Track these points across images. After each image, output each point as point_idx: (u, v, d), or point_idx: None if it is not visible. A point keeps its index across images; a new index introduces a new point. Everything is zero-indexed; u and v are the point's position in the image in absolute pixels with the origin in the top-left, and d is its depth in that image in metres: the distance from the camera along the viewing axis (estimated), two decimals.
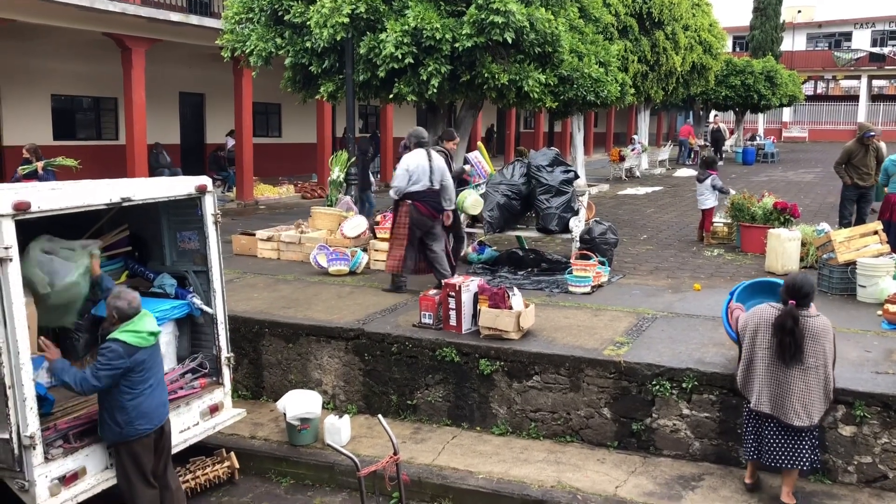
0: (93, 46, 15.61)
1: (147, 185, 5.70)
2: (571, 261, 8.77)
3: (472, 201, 9.32)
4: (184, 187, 5.81)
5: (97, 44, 15.01)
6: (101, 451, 5.10)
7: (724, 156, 30.84)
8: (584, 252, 8.73)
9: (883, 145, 11.43)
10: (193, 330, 6.33)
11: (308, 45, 10.45)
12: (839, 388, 5.48)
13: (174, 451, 5.58)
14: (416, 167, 8.06)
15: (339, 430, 6.30)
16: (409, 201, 8.09)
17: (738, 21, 48.14)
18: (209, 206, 5.92)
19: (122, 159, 15.34)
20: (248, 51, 11.12)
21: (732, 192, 11.74)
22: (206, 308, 6.12)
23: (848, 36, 52.59)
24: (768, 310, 5.17)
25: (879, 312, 7.23)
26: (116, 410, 4.87)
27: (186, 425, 5.73)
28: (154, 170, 16.83)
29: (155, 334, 5.02)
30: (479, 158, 10.60)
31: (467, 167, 9.82)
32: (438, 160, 8.21)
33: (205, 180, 5.92)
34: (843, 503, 5.26)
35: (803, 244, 9.51)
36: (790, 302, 5.05)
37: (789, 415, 5.04)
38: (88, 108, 18.59)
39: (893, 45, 50.21)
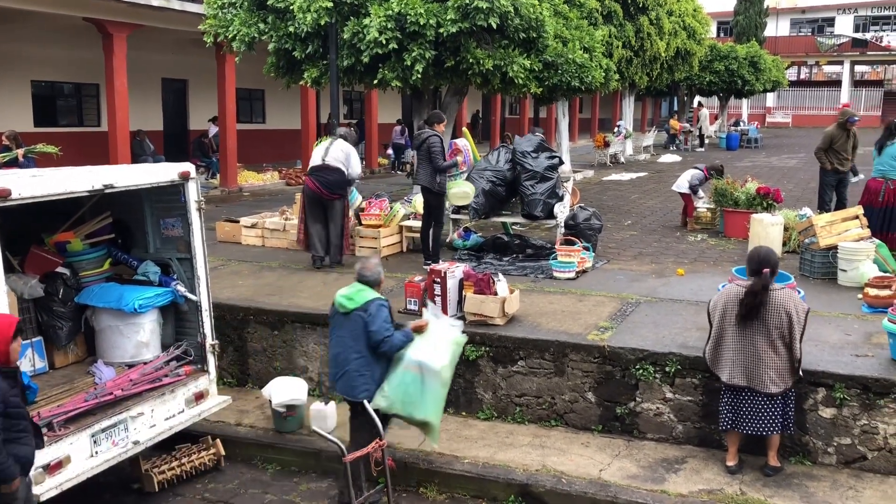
0: (73, 32, 15.41)
1: (130, 172, 5.67)
2: (556, 246, 8.80)
3: (457, 193, 9.27)
4: (167, 174, 5.78)
5: (78, 29, 14.82)
6: (86, 440, 5.07)
7: (704, 141, 30.90)
8: (569, 238, 8.76)
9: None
10: (178, 317, 6.31)
11: (291, 29, 10.37)
12: (819, 370, 5.58)
13: (158, 438, 5.58)
14: (316, 149, 8.94)
15: (325, 417, 6.32)
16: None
17: (722, 6, 48.08)
18: (192, 192, 5.89)
19: (105, 146, 15.19)
20: (230, 36, 11.02)
21: (701, 204, 11.82)
22: (190, 295, 6.10)
23: (831, 21, 52.78)
24: (735, 288, 5.39)
25: (860, 296, 7.32)
26: None
27: (172, 413, 5.72)
28: (137, 157, 16.69)
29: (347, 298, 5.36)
30: (467, 145, 10.57)
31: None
32: (342, 145, 8.78)
33: (188, 167, 5.89)
34: (822, 484, 5.34)
35: (786, 229, 9.58)
36: (764, 270, 5.21)
37: (765, 383, 5.26)
38: (70, 94, 18.37)
39: (876, 31, 50.50)
